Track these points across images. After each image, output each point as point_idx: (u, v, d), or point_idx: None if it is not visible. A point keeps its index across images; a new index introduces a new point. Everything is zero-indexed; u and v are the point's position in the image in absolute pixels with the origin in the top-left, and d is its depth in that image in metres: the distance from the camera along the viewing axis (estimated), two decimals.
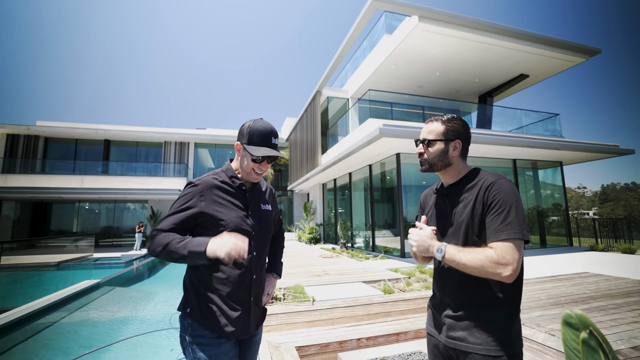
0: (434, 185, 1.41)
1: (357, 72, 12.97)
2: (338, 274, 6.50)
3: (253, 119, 1.37)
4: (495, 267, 1.00)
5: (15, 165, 17.35)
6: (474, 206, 1.14)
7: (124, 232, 18.37)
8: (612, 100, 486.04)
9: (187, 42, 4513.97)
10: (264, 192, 1.52)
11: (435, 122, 1.28)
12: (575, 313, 0.65)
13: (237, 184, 1.37)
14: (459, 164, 1.27)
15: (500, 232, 1.05)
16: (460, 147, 1.25)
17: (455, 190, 1.24)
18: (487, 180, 1.14)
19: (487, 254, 1.03)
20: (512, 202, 1.07)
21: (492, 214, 1.09)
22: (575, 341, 0.65)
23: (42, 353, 3.81)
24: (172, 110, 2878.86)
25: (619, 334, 2.94)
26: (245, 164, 1.36)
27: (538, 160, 11.51)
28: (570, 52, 9.99)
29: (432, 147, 1.25)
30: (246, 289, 1.31)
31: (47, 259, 11.07)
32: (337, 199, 14.66)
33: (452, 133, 1.24)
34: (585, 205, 77.80)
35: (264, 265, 1.43)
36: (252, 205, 1.40)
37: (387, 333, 3.09)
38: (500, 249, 1.02)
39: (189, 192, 1.30)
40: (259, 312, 1.41)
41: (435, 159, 1.25)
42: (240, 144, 1.35)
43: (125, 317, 5.30)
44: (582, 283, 5.19)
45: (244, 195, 1.39)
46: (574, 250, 10.15)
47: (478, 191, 1.14)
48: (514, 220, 1.05)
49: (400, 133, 7.65)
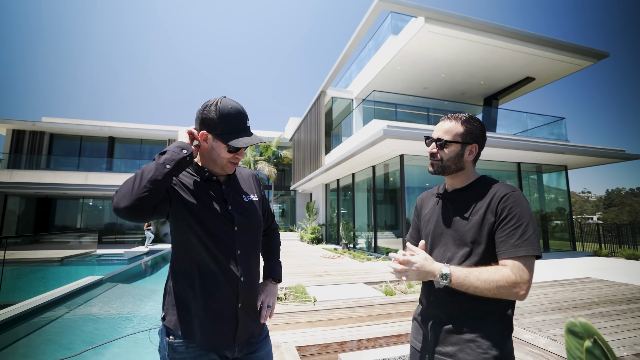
0: (435, 188, 1.32)
1: (362, 73, 12.96)
2: (340, 274, 6.50)
3: (213, 98, 1.15)
4: (512, 287, 0.94)
5: (20, 161, 17.51)
6: (484, 216, 1.06)
7: (127, 229, 18.47)
8: (619, 105, 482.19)
9: (195, 43, 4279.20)
10: (245, 179, 1.32)
11: (453, 120, 1.16)
12: (579, 321, 0.65)
13: (207, 176, 1.18)
14: (470, 169, 1.18)
15: (518, 248, 0.98)
16: (476, 152, 1.16)
17: (461, 196, 1.16)
18: (500, 190, 1.07)
19: (504, 274, 0.96)
20: (529, 218, 1.02)
21: (508, 228, 1.01)
22: (579, 350, 0.64)
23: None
24: (177, 109, 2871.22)
25: (622, 340, 2.92)
26: (217, 156, 1.15)
27: (543, 164, 11.44)
28: (577, 56, 9.92)
29: (447, 149, 1.14)
30: (231, 294, 1.11)
31: (51, 254, 11.15)
32: (340, 200, 14.65)
33: (470, 136, 1.14)
34: (589, 210, 77.20)
35: (253, 265, 1.19)
36: (230, 198, 1.20)
37: (387, 335, 3.09)
38: (518, 268, 0.96)
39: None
40: (253, 325, 1.19)
41: (450, 162, 1.14)
42: (207, 133, 1.13)
43: (127, 313, 5.34)
44: (585, 288, 5.15)
45: (219, 188, 1.19)
46: (577, 255, 10.07)
47: (490, 200, 1.07)
48: (532, 237, 0.99)
49: (404, 135, 7.64)
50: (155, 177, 0.95)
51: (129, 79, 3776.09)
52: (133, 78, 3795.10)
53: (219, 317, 1.10)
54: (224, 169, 1.20)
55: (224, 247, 1.12)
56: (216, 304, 1.09)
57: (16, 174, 15.98)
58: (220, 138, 1.11)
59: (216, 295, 1.09)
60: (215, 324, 1.09)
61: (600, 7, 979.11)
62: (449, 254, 1.12)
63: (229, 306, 1.11)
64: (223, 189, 1.20)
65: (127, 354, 3.67)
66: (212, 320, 1.09)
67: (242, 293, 1.13)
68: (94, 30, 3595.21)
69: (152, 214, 1.00)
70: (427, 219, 1.24)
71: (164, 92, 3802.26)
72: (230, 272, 1.12)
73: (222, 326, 1.10)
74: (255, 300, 1.21)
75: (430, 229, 1.21)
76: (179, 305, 1.11)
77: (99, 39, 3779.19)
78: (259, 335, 1.23)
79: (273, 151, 19.90)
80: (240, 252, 1.15)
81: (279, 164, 20.96)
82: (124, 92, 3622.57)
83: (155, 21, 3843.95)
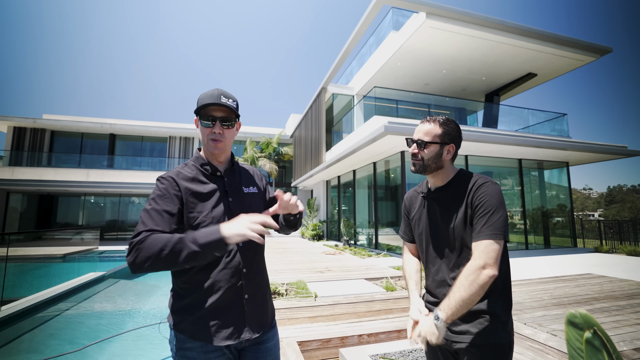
0: (418, 186, 1.41)
1: (363, 69, 12.90)
2: (340, 270, 6.52)
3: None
4: (482, 270, 1.02)
5: (22, 158, 17.55)
6: (465, 211, 1.16)
7: (128, 225, 18.53)
8: (621, 101, 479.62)
9: (196, 40, 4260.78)
10: (248, 175, 1.34)
11: (431, 122, 1.25)
12: (579, 313, 0.65)
13: (211, 170, 1.21)
14: (449, 167, 1.28)
15: (482, 232, 1.08)
16: (453, 152, 1.26)
17: (443, 194, 1.25)
18: (475, 183, 1.17)
19: (469, 267, 1.05)
20: (497, 204, 1.10)
21: (478, 216, 1.12)
22: (579, 341, 0.65)
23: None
24: (177, 106, 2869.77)
25: (622, 335, 2.93)
26: (201, 135, 1.20)
27: (544, 161, 11.41)
28: (580, 51, 9.85)
29: (427, 149, 1.24)
30: (236, 288, 1.13)
31: (53, 251, 11.21)
32: (341, 196, 14.66)
33: (447, 137, 1.24)
34: (590, 206, 77.04)
35: (255, 256, 1.21)
36: (231, 190, 1.22)
37: (388, 330, 3.10)
38: (482, 250, 1.05)
39: (161, 186, 1.11)
40: (261, 315, 1.19)
41: (430, 161, 1.24)
42: (196, 120, 1.20)
43: (130, 309, 5.37)
44: (586, 284, 5.16)
45: (222, 182, 1.22)
46: (578, 252, 10.08)
47: (467, 195, 1.17)
48: (497, 222, 1.08)
49: (405, 131, 7.62)
50: (177, 262, 0.97)
51: (130, 76, 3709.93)
52: (134, 75, 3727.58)
53: (226, 309, 1.10)
54: (208, 148, 1.20)
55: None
56: (222, 297, 1.10)
57: (18, 171, 16.02)
58: (196, 114, 1.18)
59: (221, 288, 1.10)
60: (222, 317, 1.10)
61: (603, 2, 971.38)
62: (445, 252, 1.22)
63: (235, 298, 1.13)
64: (225, 182, 1.22)
65: (130, 349, 3.70)
66: (219, 313, 1.09)
67: (247, 284, 1.15)
68: (95, 28, 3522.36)
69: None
70: (417, 219, 1.35)
71: (164, 89, 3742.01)
72: (233, 264, 1.13)
73: (230, 318, 1.11)
74: (261, 290, 1.22)
75: (421, 230, 1.31)
76: (184, 299, 1.11)
77: (100, 37, 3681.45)
78: (267, 326, 1.22)
79: (274, 148, 19.89)
80: (242, 244, 1.15)
81: (279, 160, 20.96)
82: (124, 89, 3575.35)
83: (156, 19, 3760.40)
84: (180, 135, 20.33)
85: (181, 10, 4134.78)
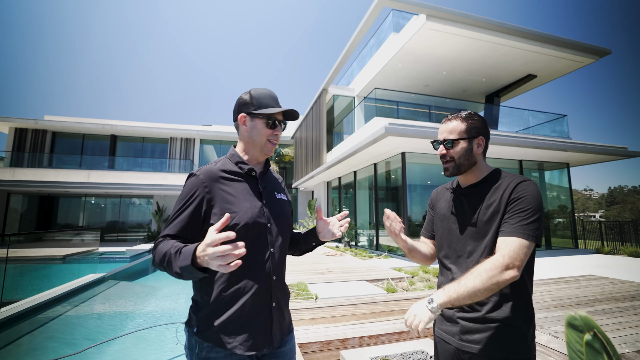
0: (449, 183, 1.33)
1: (363, 71, 12.92)
2: (341, 272, 6.51)
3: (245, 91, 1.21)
4: (503, 270, 0.93)
5: (23, 159, 17.57)
6: (498, 207, 1.07)
7: (129, 227, 18.54)
8: (621, 102, 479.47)
9: (197, 40, 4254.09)
10: (277, 181, 1.32)
11: (454, 120, 1.19)
12: (579, 315, 0.65)
13: (246, 169, 1.17)
14: (482, 163, 1.20)
15: (515, 229, 0.99)
16: (484, 144, 1.18)
17: (476, 190, 1.16)
18: (514, 180, 1.09)
19: (493, 262, 0.95)
20: (535, 205, 1.02)
21: (512, 211, 1.03)
22: (579, 343, 0.64)
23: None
24: (178, 107, 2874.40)
25: (624, 337, 2.92)
26: (257, 134, 1.17)
27: (545, 162, 11.40)
28: (580, 53, 9.86)
29: (455, 147, 1.16)
30: (265, 295, 1.10)
31: (53, 252, 11.21)
32: (342, 197, 14.66)
33: (474, 130, 1.16)
34: (591, 207, 76.92)
35: (283, 265, 1.20)
36: (265, 193, 1.19)
37: (389, 332, 3.09)
38: (510, 248, 0.96)
39: (190, 184, 1.09)
40: (284, 322, 1.17)
41: (462, 159, 1.16)
42: (245, 115, 1.17)
43: (130, 310, 5.36)
44: (587, 286, 5.14)
45: (256, 183, 1.18)
46: (579, 253, 10.06)
47: (503, 191, 1.08)
48: (533, 223, 0.99)
49: (405, 132, 7.62)
50: (175, 275, 0.95)
51: (131, 77, 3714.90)
52: (135, 76, 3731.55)
53: (254, 318, 1.07)
54: (264, 149, 1.20)
55: (259, 246, 1.11)
56: (251, 305, 1.07)
57: (19, 172, 16.04)
58: (256, 114, 1.15)
59: (251, 296, 1.07)
60: (250, 326, 1.06)
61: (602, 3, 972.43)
62: (469, 248, 1.13)
63: (264, 306, 1.10)
64: (259, 183, 1.20)
65: (130, 352, 3.69)
66: (247, 322, 1.06)
67: (275, 292, 1.13)
68: (96, 29, 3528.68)
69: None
70: (443, 214, 1.25)
71: (165, 90, 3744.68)
72: (264, 271, 1.11)
73: (257, 327, 1.07)
74: (285, 297, 1.20)
75: (447, 225, 1.22)
76: (211, 306, 1.06)
77: (101, 38, 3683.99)
78: (287, 333, 1.21)
79: (274, 149, 19.91)
80: (274, 250, 1.15)
81: (280, 161, 20.98)
82: (125, 90, 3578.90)
83: (157, 19, 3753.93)
84: (181, 136, 20.34)
85: (182, 11, 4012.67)
